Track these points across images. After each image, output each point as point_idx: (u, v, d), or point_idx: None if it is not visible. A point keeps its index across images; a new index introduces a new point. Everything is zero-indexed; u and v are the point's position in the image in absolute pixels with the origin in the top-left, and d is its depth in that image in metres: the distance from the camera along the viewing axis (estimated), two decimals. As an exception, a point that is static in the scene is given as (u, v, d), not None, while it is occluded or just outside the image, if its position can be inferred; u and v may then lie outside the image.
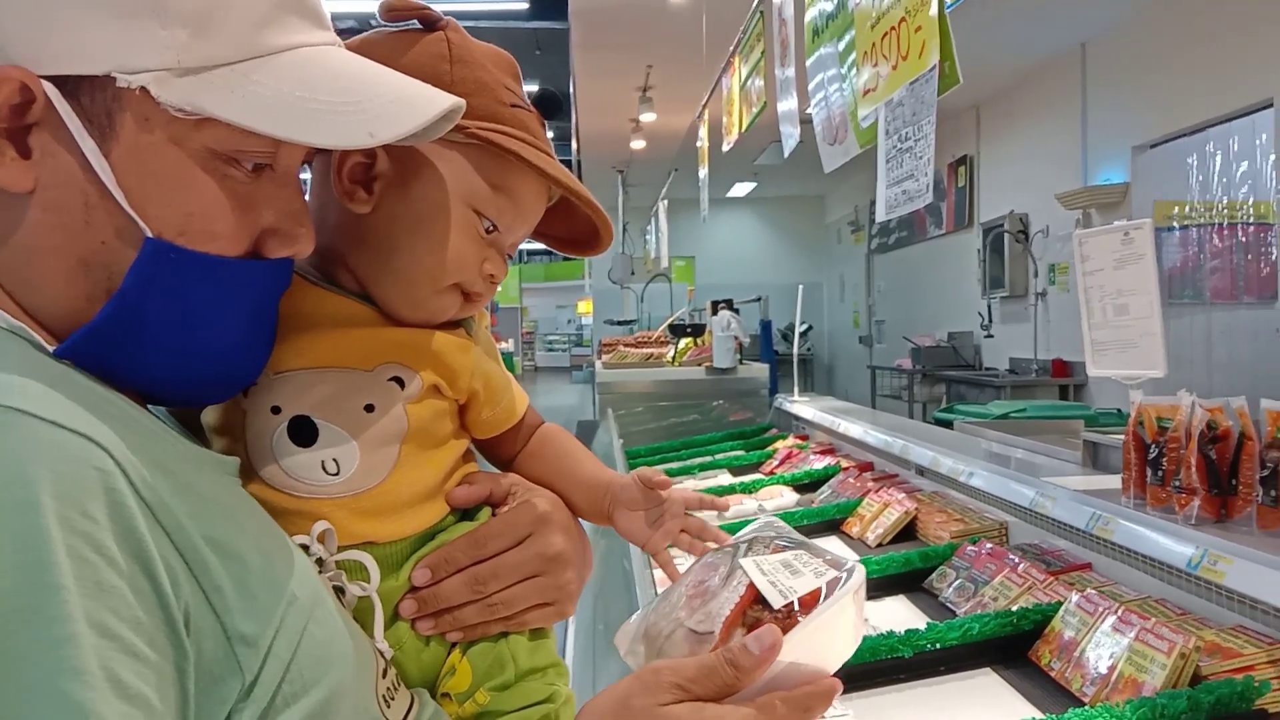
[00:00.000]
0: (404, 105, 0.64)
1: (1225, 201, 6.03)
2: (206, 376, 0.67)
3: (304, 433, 0.74)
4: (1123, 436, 2.00)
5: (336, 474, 0.75)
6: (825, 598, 0.67)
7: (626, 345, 6.45)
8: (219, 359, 0.67)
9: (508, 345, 22.13)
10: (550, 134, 0.89)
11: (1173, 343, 1.88)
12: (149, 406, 0.67)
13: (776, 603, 0.67)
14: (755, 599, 0.68)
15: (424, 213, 0.78)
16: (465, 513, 0.84)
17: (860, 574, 0.70)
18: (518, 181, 0.81)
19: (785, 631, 0.65)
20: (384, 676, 0.71)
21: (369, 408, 0.76)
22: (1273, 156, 5.26)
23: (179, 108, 0.58)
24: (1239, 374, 5.83)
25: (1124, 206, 6.50)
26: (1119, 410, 3.94)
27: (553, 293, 26.05)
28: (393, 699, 0.71)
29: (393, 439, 0.78)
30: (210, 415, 0.77)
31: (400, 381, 0.78)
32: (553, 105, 0.88)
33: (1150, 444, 1.69)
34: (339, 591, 0.73)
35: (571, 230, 0.91)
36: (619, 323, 10.97)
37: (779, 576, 0.69)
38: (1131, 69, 6.38)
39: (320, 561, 0.72)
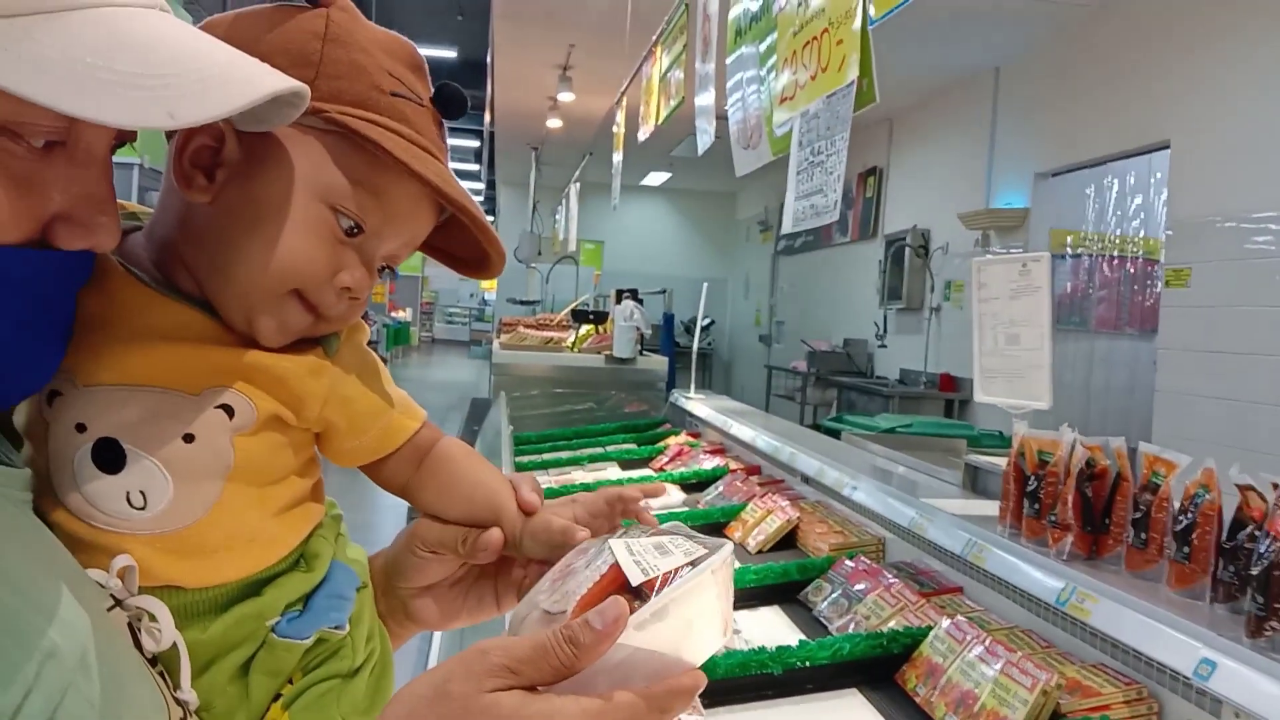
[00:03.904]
0: (221, 84, 0.54)
1: (1118, 234, 6.25)
2: None
3: (110, 457, 0.64)
4: (1002, 461, 2.03)
5: (143, 508, 0.65)
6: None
7: (527, 327, 6.37)
8: None
9: (405, 315, 21.79)
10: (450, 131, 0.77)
11: (1056, 366, 1.91)
12: None
13: (635, 579, 0.59)
14: (622, 584, 0.60)
15: (264, 205, 0.67)
16: (298, 560, 0.74)
17: (726, 550, 0.61)
18: (386, 179, 0.70)
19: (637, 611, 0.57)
20: None
21: (188, 437, 0.66)
22: (1165, 194, 5.46)
23: None
24: (1115, 401, 6.06)
25: (1022, 231, 6.67)
26: (1000, 433, 4.03)
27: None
28: None
29: (215, 474, 0.67)
30: (18, 415, 0.67)
31: (230, 410, 0.67)
32: (454, 104, 0.75)
33: (1030, 476, 1.71)
34: (136, 630, 0.63)
35: (464, 248, 0.80)
36: (522, 302, 10.87)
37: (646, 556, 0.62)
38: (1041, 98, 6.55)
39: (119, 600, 0.62)
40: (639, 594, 0.58)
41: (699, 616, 0.59)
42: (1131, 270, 6.23)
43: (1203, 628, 1.27)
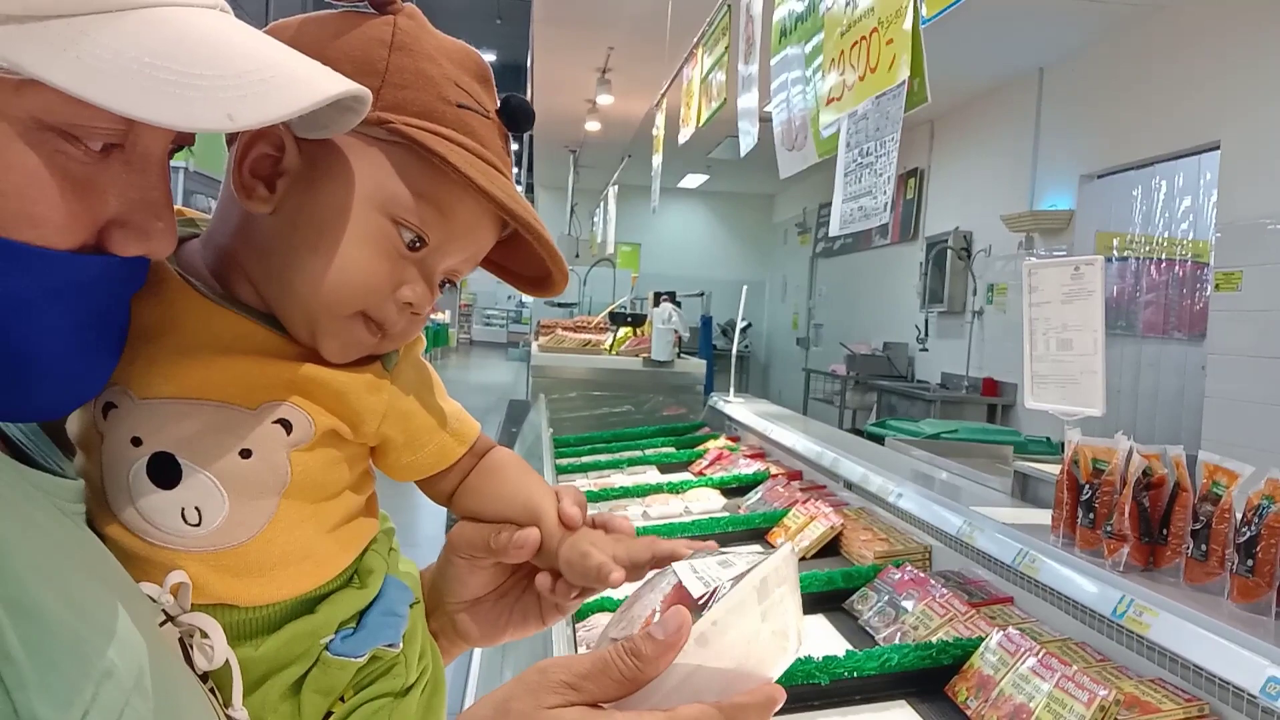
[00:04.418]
0: (281, 86, 0.52)
1: (1165, 236, 6.13)
2: (24, 389, 0.54)
3: (165, 472, 0.63)
4: (1050, 468, 1.99)
5: (198, 524, 0.63)
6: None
7: (565, 329, 6.37)
8: (39, 370, 0.54)
9: (444, 317, 21.94)
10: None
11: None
12: None
13: (697, 592, 0.58)
14: (686, 600, 0.58)
15: (325, 217, 0.65)
16: (352, 576, 0.72)
17: (785, 549, 0.60)
18: (450, 193, 0.68)
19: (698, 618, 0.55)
20: None
21: (245, 453, 0.64)
22: (1215, 196, 5.35)
23: None
24: (1162, 407, 5.95)
25: (1067, 233, 6.58)
26: (1048, 439, 3.98)
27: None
28: None
29: (270, 491, 0.66)
30: (72, 425, 0.66)
31: (287, 425, 0.66)
32: (520, 117, 0.73)
33: (1084, 484, 1.67)
34: (188, 646, 0.62)
35: (525, 264, 0.78)
36: (560, 304, 10.88)
37: (709, 571, 0.61)
38: (1086, 98, 6.46)
39: (171, 616, 0.61)
40: (704, 608, 0.56)
41: (764, 622, 0.57)
42: (1180, 273, 6.11)
43: (1270, 644, 1.23)
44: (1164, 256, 6.16)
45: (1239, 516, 1.39)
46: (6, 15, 0.46)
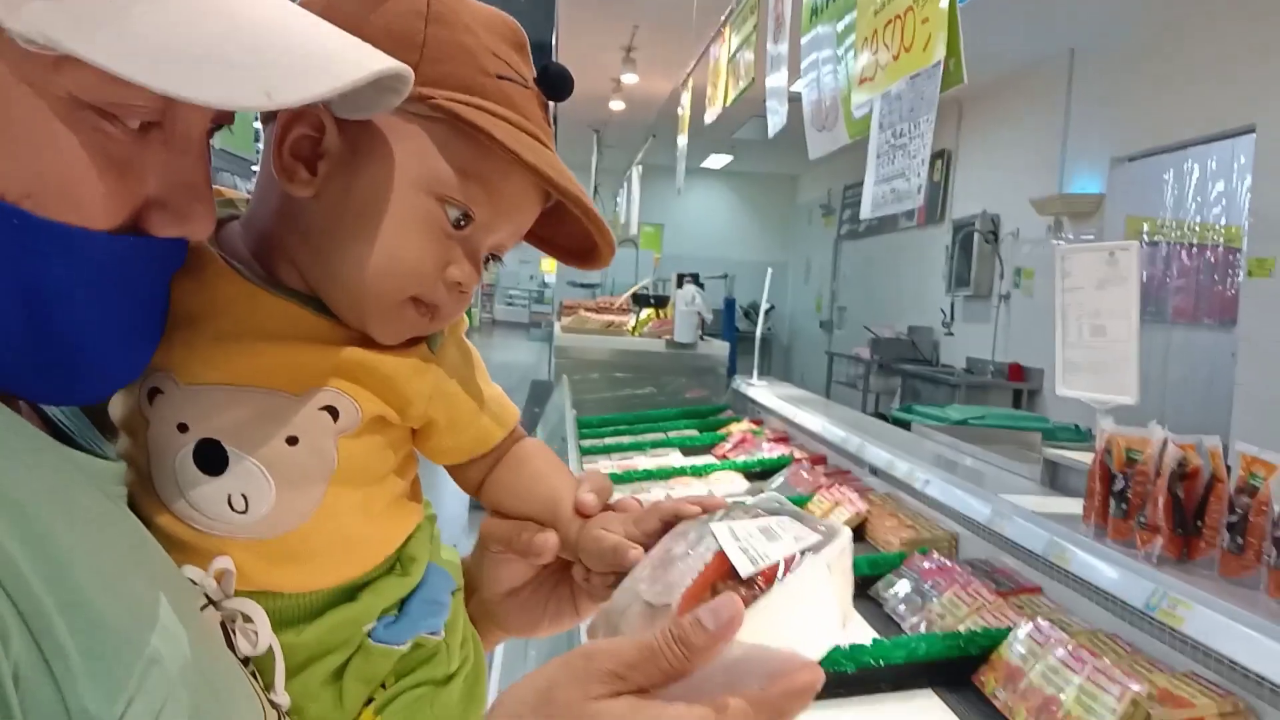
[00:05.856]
0: (321, 62, 0.51)
1: (1197, 221, 6.04)
2: (66, 372, 0.53)
3: (212, 459, 0.62)
4: (1082, 456, 1.96)
5: (245, 512, 0.62)
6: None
7: (588, 310, 6.36)
8: (80, 353, 0.53)
9: (467, 296, 21.97)
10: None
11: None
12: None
13: (745, 570, 0.56)
14: (727, 571, 0.57)
15: (369, 200, 0.64)
16: (394, 564, 0.71)
17: (845, 536, 0.59)
18: (494, 168, 0.66)
19: (751, 604, 0.54)
20: None
21: (292, 440, 0.63)
22: (1249, 180, 5.26)
23: (29, 39, 0.44)
24: (1191, 394, 5.88)
25: (1097, 217, 6.49)
26: (1077, 426, 3.93)
27: (516, 248, 25.80)
28: None
29: (317, 478, 0.65)
30: (115, 409, 0.65)
31: (334, 412, 0.64)
32: (560, 85, 0.71)
33: (1117, 474, 1.65)
34: (230, 630, 0.61)
35: (569, 237, 0.76)
36: (582, 285, 10.86)
37: (753, 542, 0.59)
38: (1118, 79, 6.36)
39: (214, 600, 0.61)
40: (749, 584, 0.56)
41: (816, 610, 0.56)
42: (1211, 259, 6.02)
43: (1308, 640, 1.21)
44: (1195, 242, 6.08)
45: (1277, 509, 1.37)
46: None
